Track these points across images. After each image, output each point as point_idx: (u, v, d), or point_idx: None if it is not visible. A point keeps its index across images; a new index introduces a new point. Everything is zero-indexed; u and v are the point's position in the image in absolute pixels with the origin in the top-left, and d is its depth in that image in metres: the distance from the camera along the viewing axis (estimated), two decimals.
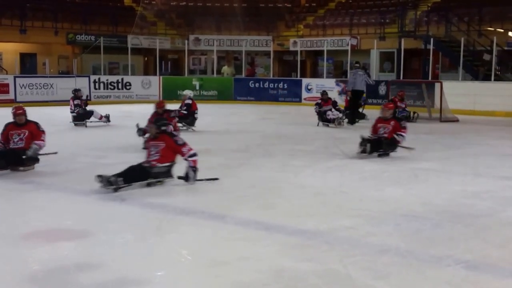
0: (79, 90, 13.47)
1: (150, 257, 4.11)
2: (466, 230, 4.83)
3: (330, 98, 13.59)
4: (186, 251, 4.22)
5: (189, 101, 12.05)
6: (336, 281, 3.67)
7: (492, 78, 16.75)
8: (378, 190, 6.34)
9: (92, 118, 12.75)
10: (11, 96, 18.29)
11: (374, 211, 5.37)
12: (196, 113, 12.08)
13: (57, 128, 11.72)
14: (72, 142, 10.17)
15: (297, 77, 21.32)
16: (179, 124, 10.93)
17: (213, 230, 4.81)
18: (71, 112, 12.82)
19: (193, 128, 11.97)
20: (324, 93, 13.84)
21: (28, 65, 22.34)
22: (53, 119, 13.07)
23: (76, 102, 12.89)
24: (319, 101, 13.54)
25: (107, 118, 12.97)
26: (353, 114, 13.53)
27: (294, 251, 4.24)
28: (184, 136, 7.38)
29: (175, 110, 11.44)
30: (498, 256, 4.21)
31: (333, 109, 13.20)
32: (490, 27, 18.71)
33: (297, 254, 4.15)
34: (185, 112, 11.96)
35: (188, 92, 12.65)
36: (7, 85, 18.33)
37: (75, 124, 12.70)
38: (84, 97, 13.28)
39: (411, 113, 14.36)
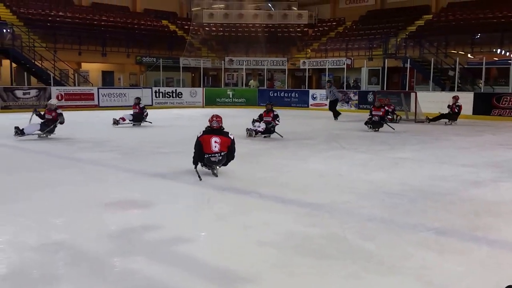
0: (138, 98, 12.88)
1: (196, 221, 4.12)
2: (435, 205, 4.72)
3: (272, 111, 9.87)
4: (223, 218, 4.22)
5: (60, 110, 9.44)
6: (336, 241, 3.62)
7: (456, 89, 16.52)
8: (367, 174, 6.24)
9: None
10: (95, 102, 18.60)
11: (364, 190, 5.29)
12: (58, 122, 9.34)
13: (126, 126, 11.89)
14: (136, 136, 10.27)
15: (305, 88, 21.24)
16: (39, 132, 9.02)
17: (243, 202, 4.80)
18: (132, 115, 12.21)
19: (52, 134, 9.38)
20: (267, 103, 10.08)
21: (107, 79, 22.66)
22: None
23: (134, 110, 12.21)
24: (262, 112, 9.97)
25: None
26: (334, 113, 14.94)
27: (304, 218, 4.20)
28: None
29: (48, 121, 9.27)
30: (460, 224, 4.11)
31: (261, 123, 9.68)
32: (454, 50, 18.43)
33: (306, 221, 4.11)
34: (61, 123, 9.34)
35: (54, 102, 9.79)
36: (92, 94, 18.66)
37: (133, 124, 12.11)
38: (141, 105, 12.50)
39: (395, 116, 14.00)
